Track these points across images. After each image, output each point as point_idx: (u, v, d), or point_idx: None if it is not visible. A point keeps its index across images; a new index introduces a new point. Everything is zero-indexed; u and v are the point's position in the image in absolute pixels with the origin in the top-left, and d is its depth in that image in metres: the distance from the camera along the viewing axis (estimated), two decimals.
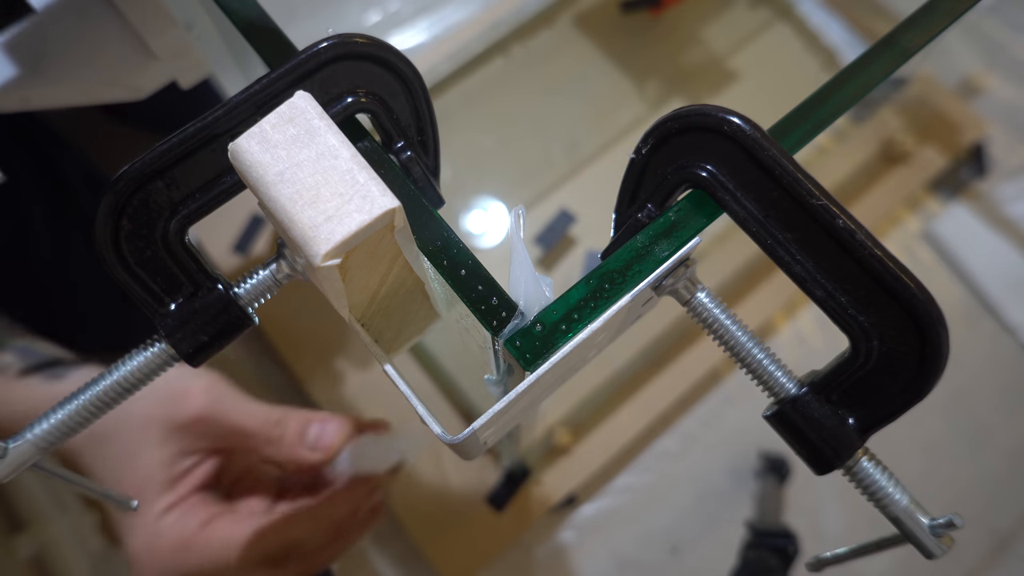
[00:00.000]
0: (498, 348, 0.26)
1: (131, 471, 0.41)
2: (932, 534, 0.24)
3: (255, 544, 0.40)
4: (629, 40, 0.80)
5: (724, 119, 0.25)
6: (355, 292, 0.26)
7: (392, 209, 0.22)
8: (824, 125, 0.28)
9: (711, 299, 0.27)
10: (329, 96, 0.27)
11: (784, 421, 0.25)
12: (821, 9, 0.82)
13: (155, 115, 0.77)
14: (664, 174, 0.26)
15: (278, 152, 0.22)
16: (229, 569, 0.40)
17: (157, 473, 0.41)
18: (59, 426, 0.27)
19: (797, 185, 0.24)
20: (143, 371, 0.27)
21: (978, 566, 0.66)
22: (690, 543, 0.66)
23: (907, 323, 0.24)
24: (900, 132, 0.75)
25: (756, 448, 0.68)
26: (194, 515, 0.40)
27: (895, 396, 0.24)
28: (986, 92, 0.81)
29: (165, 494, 0.41)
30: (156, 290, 0.26)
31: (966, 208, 0.77)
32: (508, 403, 0.25)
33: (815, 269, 0.24)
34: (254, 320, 0.27)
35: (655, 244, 0.26)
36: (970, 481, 0.68)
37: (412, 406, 0.28)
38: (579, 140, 0.76)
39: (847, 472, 0.25)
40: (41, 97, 0.43)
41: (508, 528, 0.64)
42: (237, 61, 0.48)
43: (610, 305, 0.25)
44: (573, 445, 0.66)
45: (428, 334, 0.36)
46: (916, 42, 0.29)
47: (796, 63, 0.80)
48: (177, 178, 0.26)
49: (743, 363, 0.26)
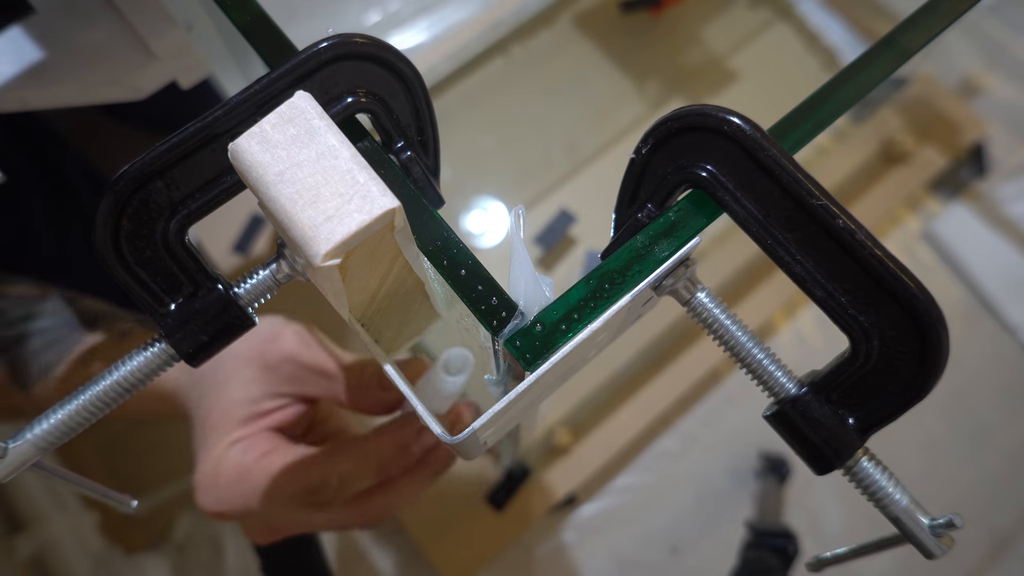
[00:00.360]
0: (498, 348, 0.26)
1: (217, 402, 0.42)
2: (932, 534, 0.24)
3: (298, 474, 0.40)
4: (629, 40, 0.80)
5: (724, 119, 0.25)
6: (355, 292, 0.26)
7: (392, 209, 0.22)
8: (824, 125, 0.28)
9: (711, 299, 0.27)
10: (329, 96, 0.27)
11: (784, 421, 0.25)
12: (821, 9, 0.82)
13: (155, 115, 0.77)
14: (664, 174, 0.26)
15: (278, 152, 0.22)
16: (275, 500, 0.40)
17: (239, 408, 0.42)
18: (59, 426, 0.27)
19: (797, 185, 0.24)
20: (143, 371, 0.27)
21: (978, 566, 0.66)
22: (690, 543, 0.66)
23: (907, 323, 0.24)
24: (900, 132, 0.75)
25: (756, 448, 0.68)
26: (257, 447, 0.41)
27: (895, 396, 0.24)
28: (986, 92, 0.81)
29: (239, 428, 0.42)
30: (156, 290, 0.26)
31: (966, 208, 0.77)
32: (508, 403, 0.25)
33: (815, 269, 0.24)
34: (254, 320, 0.27)
35: (655, 244, 0.26)
36: (970, 481, 0.68)
37: (412, 406, 0.28)
38: (579, 140, 0.76)
39: (847, 472, 0.25)
40: (41, 97, 0.43)
41: (508, 528, 0.64)
42: (237, 61, 0.48)
43: (610, 305, 0.25)
44: (573, 445, 0.66)
45: (428, 334, 0.36)
46: (916, 42, 0.29)
47: (796, 63, 0.80)
48: (177, 178, 0.26)
49: (743, 363, 0.26)
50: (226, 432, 0.42)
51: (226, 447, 0.41)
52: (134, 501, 0.31)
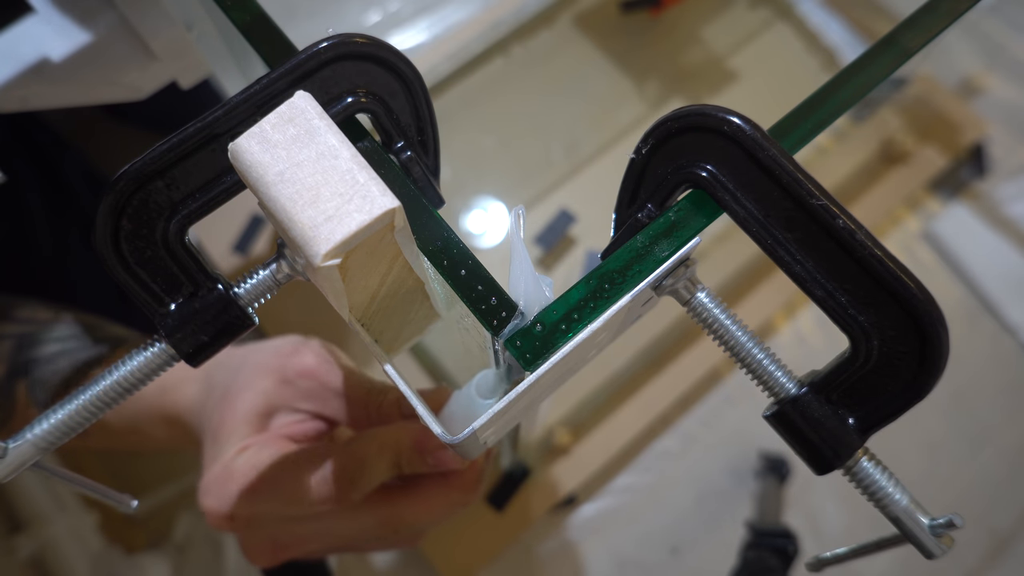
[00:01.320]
0: (498, 348, 0.26)
1: (231, 410, 0.41)
2: (932, 534, 0.24)
3: (314, 465, 0.37)
4: (629, 40, 0.80)
5: (724, 119, 0.25)
6: (355, 292, 0.26)
7: (392, 209, 0.22)
8: (824, 125, 0.28)
9: (711, 299, 0.27)
10: (329, 96, 0.27)
11: (784, 421, 0.25)
12: (821, 9, 0.82)
13: (155, 115, 0.77)
14: (664, 174, 0.26)
15: (278, 152, 0.22)
16: (290, 499, 0.38)
17: (253, 417, 0.41)
18: (59, 426, 0.27)
19: (797, 185, 0.24)
20: (143, 371, 0.27)
21: (978, 566, 0.66)
22: (690, 543, 0.66)
23: (907, 323, 0.24)
24: (900, 132, 0.75)
25: (756, 448, 0.68)
26: (272, 446, 0.39)
27: (895, 396, 0.24)
28: (986, 92, 0.81)
29: (252, 435, 0.40)
30: (156, 290, 0.26)
31: (966, 208, 0.77)
32: (508, 403, 0.25)
33: (815, 269, 0.24)
34: (254, 320, 0.27)
35: (655, 244, 0.26)
36: (970, 481, 0.68)
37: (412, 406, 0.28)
38: (579, 140, 0.76)
39: (847, 472, 0.25)
40: (41, 97, 0.43)
41: (508, 528, 0.64)
42: (237, 61, 0.48)
43: (610, 305, 0.25)
44: (573, 445, 0.66)
45: (428, 334, 0.36)
46: (916, 42, 0.29)
47: (796, 63, 0.80)
48: (177, 178, 0.26)
49: (743, 363, 0.26)
50: (239, 438, 0.40)
51: (237, 452, 0.40)
52: (134, 501, 0.31)
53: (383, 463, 0.38)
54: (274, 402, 0.41)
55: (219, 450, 0.40)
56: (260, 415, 0.41)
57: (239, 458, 0.39)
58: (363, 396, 0.41)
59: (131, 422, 0.47)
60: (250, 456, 0.39)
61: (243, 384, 0.41)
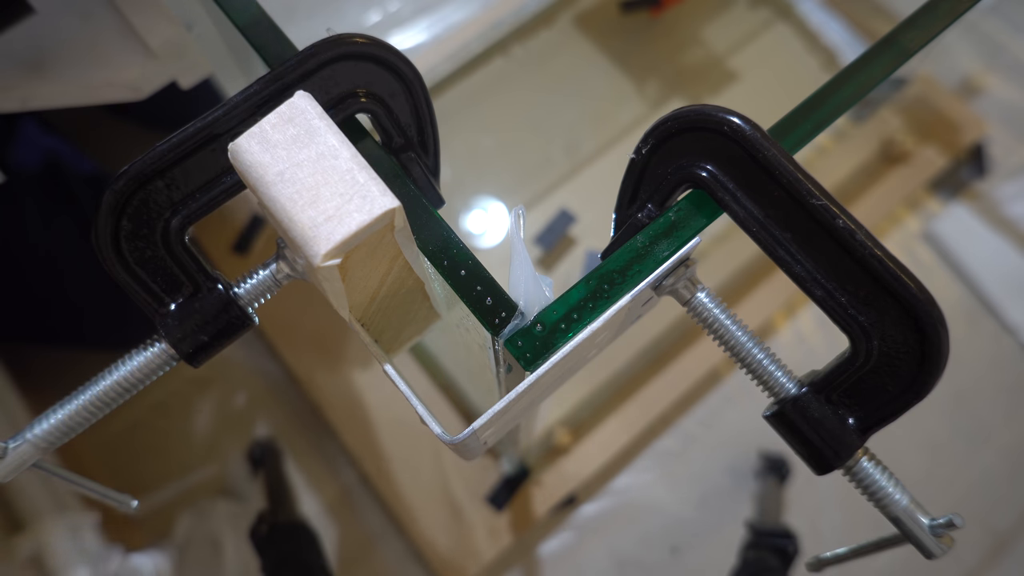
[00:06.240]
0: (498, 348, 0.26)
1: None
2: (932, 534, 0.24)
3: None
4: (629, 40, 0.80)
5: (724, 119, 0.25)
6: (355, 292, 0.26)
7: (392, 209, 0.22)
8: (824, 125, 0.28)
9: (711, 299, 0.27)
10: (329, 96, 0.27)
11: (784, 421, 0.25)
12: (821, 9, 0.82)
13: (155, 115, 0.77)
14: (664, 174, 0.26)
15: (278, 152, 0.22)
16: None
17: None
18: (59, 426, 0.27)
19: (797, 185, 0.24)
20: (143, 371, 0.27)
21: (978, 566, 0.66)
22: (690, 543, 0.66)
23: (907, 323, 0.24)
24: (900, 132, 0.75)
25: (756, 448, 0.68)
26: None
27: (895, 396, 0.24)
28: (986, 92, 0.81)
29: None
30: (156, 290, 0.26)
31: (966, 208, 0.77)
32: (508, 403, 0.25)
33: (815, 269, 0.24)
34: (254, 320, 0.27)
35: (655, 244, 0.26)
36: (970, 481, 0.68)
37: (412, 406, 0.28)
38: (579, 140, 0.76)
39: (847, 472, 0.25)
40: (41, 97, 0.43)
41: (508, 528, 0.64)
42: (237, 61, 0.48)
43: (610, 305, 0.25)
44: (573, 445, 0.66)
45: (428, 334, 0.36)
46: (916, 42, 0.29)
47: (796, 63, 0.80)
48: (177, 178, 0.26)
49: (743, 363, 0.26)
50: None
51: None
52: (134, 501, 0.31)
53: None
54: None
55: None
56: None
57: None
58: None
59: None
60: None
61: None
